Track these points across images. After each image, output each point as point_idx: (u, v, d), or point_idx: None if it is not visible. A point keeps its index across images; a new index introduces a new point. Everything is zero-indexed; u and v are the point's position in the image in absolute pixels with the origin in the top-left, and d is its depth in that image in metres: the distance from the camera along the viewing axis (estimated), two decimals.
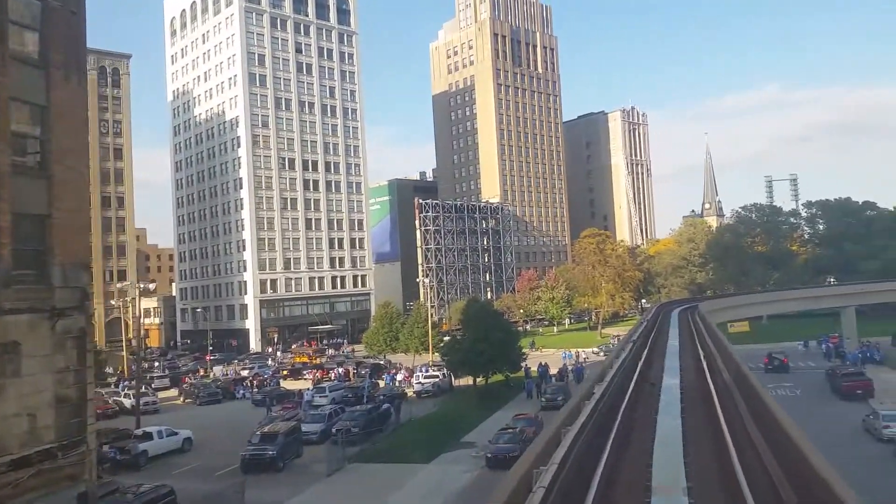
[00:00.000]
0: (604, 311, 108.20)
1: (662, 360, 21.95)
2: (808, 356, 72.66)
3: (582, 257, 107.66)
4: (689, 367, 20.74)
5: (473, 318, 58.85)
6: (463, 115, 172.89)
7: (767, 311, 71.02)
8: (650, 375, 19.04)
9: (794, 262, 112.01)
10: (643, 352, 24.29)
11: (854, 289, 75.35)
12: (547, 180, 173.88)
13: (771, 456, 11.87)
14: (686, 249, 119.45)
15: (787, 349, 78.26)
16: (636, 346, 26.56)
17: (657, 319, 52.22)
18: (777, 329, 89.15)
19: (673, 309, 64.61)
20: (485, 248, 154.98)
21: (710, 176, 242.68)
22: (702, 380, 17.03)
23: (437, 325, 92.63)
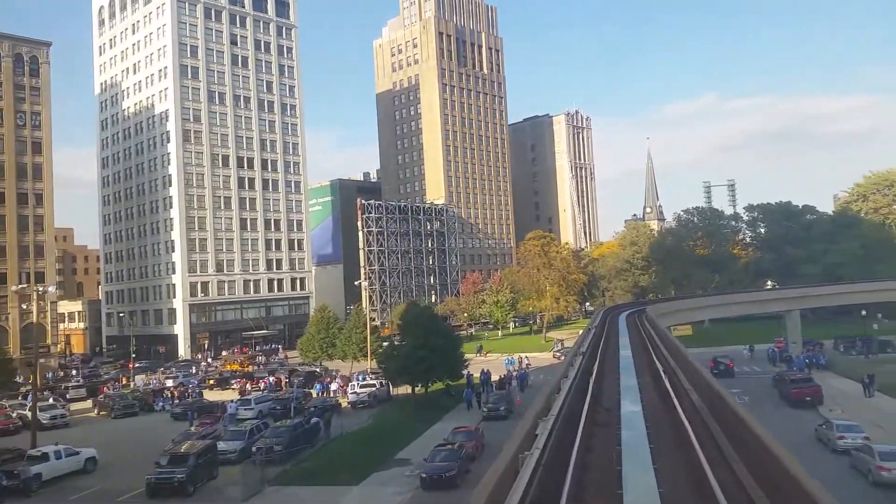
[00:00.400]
0: (548, 315, 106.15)
1: (617, 378, 18.95)
2: (753, 360, 71.65)
3: (527, 260, 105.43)
4: (649, 386, 17.79)
5: (412, 324, 55.33)
6: (407, 115, 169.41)
7: (715, 314, 69.95)
8: (604, 398, 16.04)
9: (734, 265, 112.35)
10: (593, 366, 21.28)
11: (799, 292, 74.83)
12: (492, 182, 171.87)
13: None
14: (629, 252, 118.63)
15: (731, 353, 77.35)
16: (585, 359, 23.49)
17: (605, 326, 49.48)
18: (719, 333, 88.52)
19: (620, 313, 62.31)
20: (429, 250, 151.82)
21: (652, 180, 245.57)
22: (668, 405, 14.07)
23: (377, 330, 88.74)
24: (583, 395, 15.12)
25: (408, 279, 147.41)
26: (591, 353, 27.58)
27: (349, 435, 47.37)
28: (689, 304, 67.59)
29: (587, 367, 21.04)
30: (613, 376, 19.65)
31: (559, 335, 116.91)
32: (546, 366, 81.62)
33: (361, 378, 64.44)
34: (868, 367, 60.19)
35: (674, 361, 21.23)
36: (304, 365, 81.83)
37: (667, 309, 61.53)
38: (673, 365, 20.47)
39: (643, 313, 56.95)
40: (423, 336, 52.80)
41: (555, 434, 11.96)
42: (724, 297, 72.50)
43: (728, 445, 11.30)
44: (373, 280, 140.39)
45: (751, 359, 71.84)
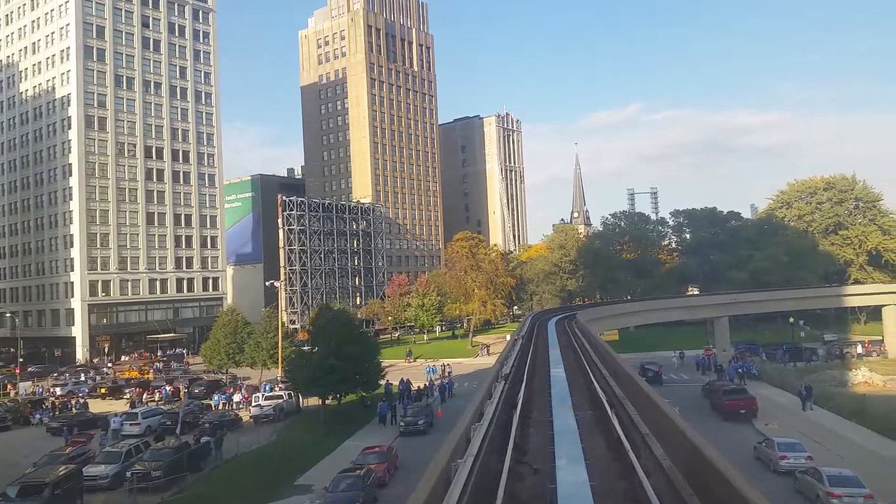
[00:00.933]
0: (475, 319, 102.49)
1: (548, 413, 14.59)
2: (683, 368, 69.55)
3: (454, 262, 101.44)
4: (592, 428, 13.49)
5: (324, 329, 50.08)
6: (334, 110, 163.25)
7: (645, 320, 67.66)
8: (530, 445, 11.80)
9: (660, 270, 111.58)
10: (519, 393, 16.82)
11: (728, 298, 73.31)
12: (421, 182, 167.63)
13: None
14: (557, 256, 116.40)
15: (659, 359, 75.34)
16: (507, 384, 18.98)
17: (533, 335, 45.41)
18: (646, 338, 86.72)
19: (549, 319, 58.65)
20: (354, 250, 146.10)
21: (579, 186, 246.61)
22: (623, 465, 9.90)
23: (291, 335, 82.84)
24: (502, 444, 10.85)
25: (331, 280, 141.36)
26: (516, 375, 23.14)
27: (245, 456, 41.88)
28: (620, 309, 64.79)
29: (509, 398, 16.59)
30: (544, 411, 15.29)
31: (487, 339, 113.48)
32: (471, 372, 77.72)
33: (268, 389, 58.72)
34: (797, 377, 58.72)
35: (621, 389, 17.11)
36: (209, 373, 75.18)
37: (597, 314, 58.41)
38: (620, 393, 16.35)
39: (573, 319, 53.55)
40: (335, 343, 47.68)
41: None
42: (655, 303, 70.38)
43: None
44: (293, 281, 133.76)
45: (681, 366, 69.80)
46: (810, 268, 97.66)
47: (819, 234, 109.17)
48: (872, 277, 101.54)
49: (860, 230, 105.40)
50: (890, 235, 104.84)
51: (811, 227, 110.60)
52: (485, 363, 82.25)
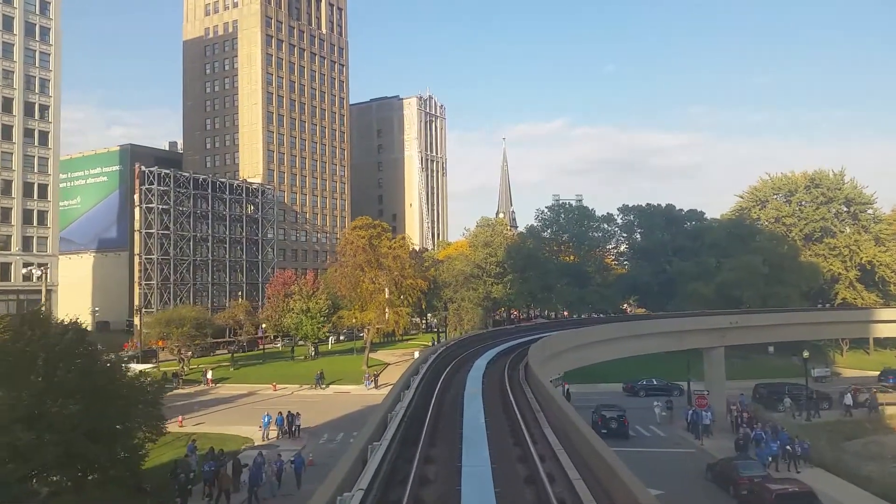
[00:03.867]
0: (372, 331, 78.74)
1: None
2: (658, 418, 47.97)
3: (347, 255, 77.44)
4: None
5: (20, 362, 25.18)
6: (221, 70, 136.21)
7: (619, 352, 46.38)
8: None
9: (607, 278, 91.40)
10: None
11: (726, 321, 51.82)
12: (326, 165, 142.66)
13: None
14: (481, 255, 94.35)
15: (618, 397, 53.90)
16: None
17: (429, 419, 20.33)
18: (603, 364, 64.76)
19: (470, 359, 34.61)
20: (237, 239, 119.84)
21: (506, 185, 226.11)
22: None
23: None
24: None
25: (204, 274, 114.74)
26: None
27: None
28: (591, 335, 42.57)
29: None
30: None
31: (390, 355, 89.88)
32: (349, 414, 54.16)
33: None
34: (832, 444, 37.94)
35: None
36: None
37: (557, 346, 35.89)
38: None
39: (522, 364, 30.20)
40: (34, 393, 22.91)
41: None
42: (634, 326, 48.61)
43: None
44: (150, 273, 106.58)
45: (665, 418, 48.01)
46: (791, 282, 79.17)
47: (800, 241, 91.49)
48: (863, 298, 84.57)
49: (851, 239, 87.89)
50: (884, 247, 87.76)
51: (791, 233, 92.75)
52: (372, 398, 58.85)
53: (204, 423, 51.94)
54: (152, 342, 73.62)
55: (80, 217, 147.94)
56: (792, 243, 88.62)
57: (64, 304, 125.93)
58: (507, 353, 36.30)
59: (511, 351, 36.80)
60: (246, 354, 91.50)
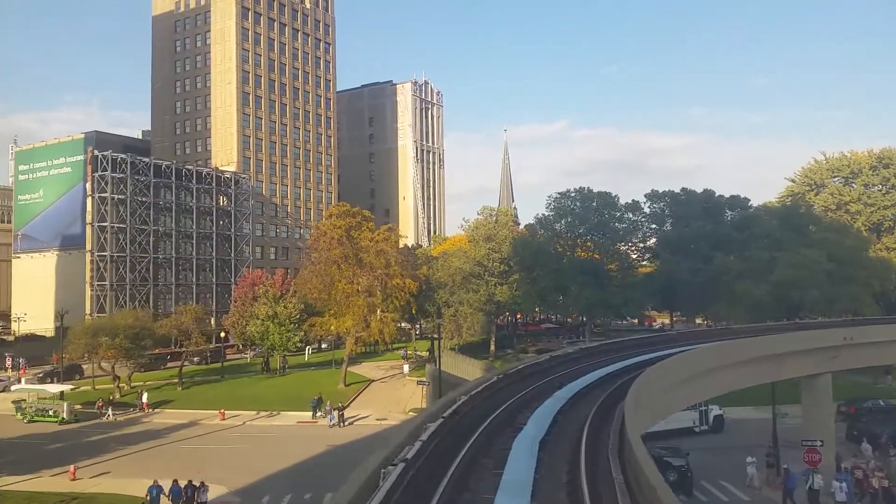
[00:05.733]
0: (351, 342, 64.61)
1: None
2: (750, 477, 33.47)
3: (320, 250, 63.46)
4: None
5: None
6: (192, 47, 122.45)
7: (703, 390, 32.70)
8: None
9: (633, 277, 77.08)
10: None
11: (839, 337, 37.65)
12: (311, 153, 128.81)
13: None
14: (483, 251, 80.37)
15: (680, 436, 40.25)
16: None
17: None
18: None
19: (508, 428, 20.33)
20: (207, 234, 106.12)
21: (507, 179, 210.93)
22: None
23: None
24: None
25: (167, 274, 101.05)
26: None
27: None
28: (707, 360, 28.19)
29: None
30: None
31: (373, 369, 75.95)
32: (295, 465, 40.36)
33: None
34: None
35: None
36: None
37: (660, 378, 21.88)
38: None
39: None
40: None
41: None
42: (760, 345, 33.66)
43: None
44: (102, 274, 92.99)
45: (765, 480, 33.35)
46: (861, 281, 65.10)
47: (866, 232, 77.54)
48: None
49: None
50: None
51: (856, 222, 78.81)
52: (337, 437, 45.04)
53: (109, 474, 38.17)
54: (72, 357, 59.62)
55: (42, 212, 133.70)
56: (858, 234, 74.63)
57: (27, 307, 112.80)
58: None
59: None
60: (204, 368, 77.69)
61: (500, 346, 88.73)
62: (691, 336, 45.46)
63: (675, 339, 44.01)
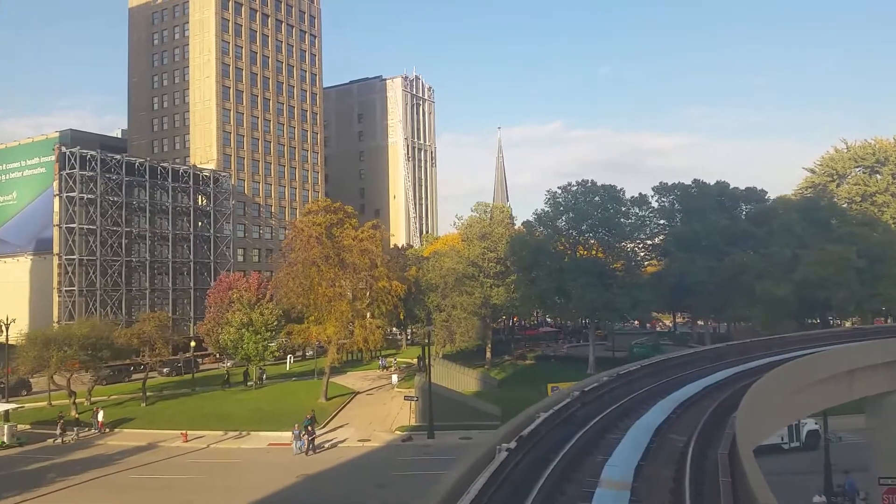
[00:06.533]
0: (333, 351, 58.47)
1: None
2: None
3: (297, 250, 57.38)
4: None
5: None
6: (171, 40, 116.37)
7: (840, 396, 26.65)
8: None
9: (639, 278, 71.07)
10: None
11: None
12: (297, 150, 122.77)
13: None
14: (478, 250, 74.49)
15: None
16: None
17: None
18: None
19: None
20: (184, 236, 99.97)
21: (502, 178, 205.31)
22: None
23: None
24: None
25: (141, 278, 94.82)
26: None
27: None
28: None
29: None
30: None
31: (359, 379, 69.93)
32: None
33: None
34: None
35: None
36: None
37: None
38: None
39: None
40: None
41: None
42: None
43: None
44: (70, 279, 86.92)
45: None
46: (895, 279, 59.19)
47: (894, 224, 71.67)
48: None
49: None
50: None
51: (884, 215, 73.12)
52: (307, 465, 39.07)
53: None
54: (21, 371, 53.31)
55: (17, 214, 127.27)
56: (887, 228, 68.78)
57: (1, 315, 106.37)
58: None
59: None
60: (175, 380, 71.54)
61: (497, 352, 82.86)
62: (759, 346, 38.35)
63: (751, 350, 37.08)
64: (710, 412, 18.47)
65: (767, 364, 27.64)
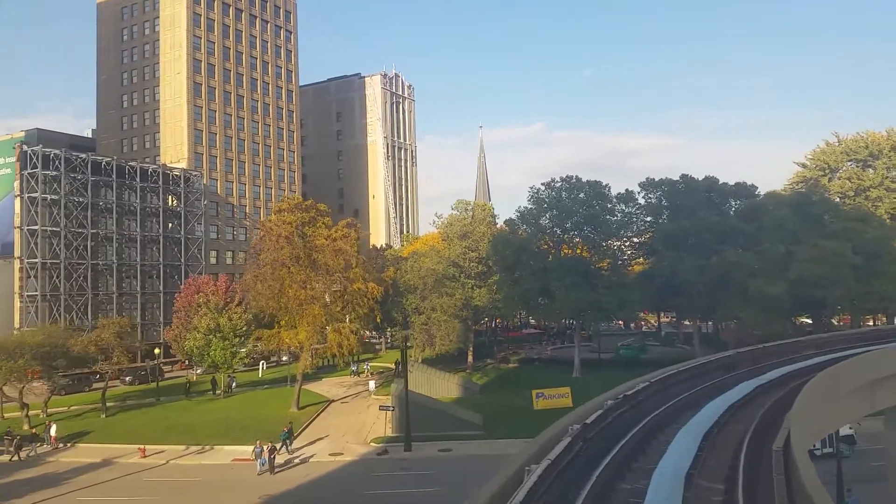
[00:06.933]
0: (305, 357, 55.23)
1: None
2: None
3: (267, 251, 54.09)
4: None
5: None
6: (140, 35, 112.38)
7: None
8: None
9: (625, 277, 68.42)
10: None
11: None
12: (272, 149, 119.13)
13: None
14: (459, 250, 71.62)
15: None
16: None
17: None
18: None
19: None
20: (154, 238, 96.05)
21: (484, 177, 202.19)
22: None
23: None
24: None
25: (108, 282, 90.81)
26: None
27: None
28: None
29: None
30: None
31: (334, 386, 66.73)
32: None
33: None
34: None
35: None
36: None
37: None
38: None
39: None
40: None
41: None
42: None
43: None
44: (33, 283, 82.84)
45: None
46: (893, 277, 56.89)
47: (888, 220, 69.49)
48: None
49: None
50: None
51: (878, 210, 71.03)
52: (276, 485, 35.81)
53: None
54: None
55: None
56: (882, 223, 66.56)
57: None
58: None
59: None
60: (140, 389, 67.93)
61: (479, 356, 80.00)
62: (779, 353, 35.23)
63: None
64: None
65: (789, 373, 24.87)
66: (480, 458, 40.63)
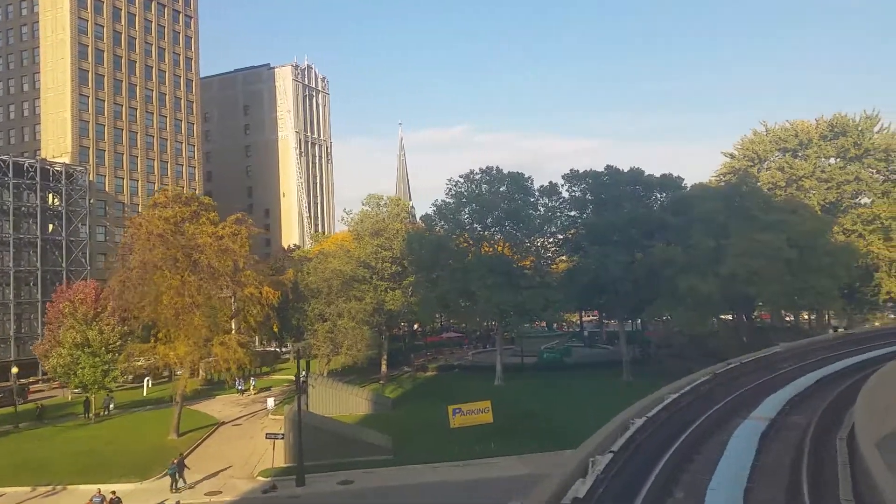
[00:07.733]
0: (186, 375, 47.70)
1: None
2: None
3: (138, 251, 46.22)
4: None
5: None
6: (17, 16, 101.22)
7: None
8: None
9: (548, 276, 63.69)
10: None
11: None
12: (168, 143, 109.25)
13: None
14: (370, 249, 65.28)
15: None
16: None
17: None
18: None
19: None
20: (30, 241, 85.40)
21: (404, 175, 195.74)
22: None
23: None
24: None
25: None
26: None
27: None
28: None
29: None
30: None
31: (228, 405, 59.11)
32: None
33: None
34: None
35: None
36: None
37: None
38: None
39: None
40: None
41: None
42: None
43: None
44: None
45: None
46: (827, 271, 54.10)
47: (820, 211, 67.24)
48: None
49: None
50: None
51: (810, 201, 68.53)
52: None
53: None
54: None
55: None
56: (815, 215, 64.02)
57: None
58: None
59: None
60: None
61: (395, 363, 73.79)
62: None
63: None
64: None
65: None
66: (386, 490, 34.60)
